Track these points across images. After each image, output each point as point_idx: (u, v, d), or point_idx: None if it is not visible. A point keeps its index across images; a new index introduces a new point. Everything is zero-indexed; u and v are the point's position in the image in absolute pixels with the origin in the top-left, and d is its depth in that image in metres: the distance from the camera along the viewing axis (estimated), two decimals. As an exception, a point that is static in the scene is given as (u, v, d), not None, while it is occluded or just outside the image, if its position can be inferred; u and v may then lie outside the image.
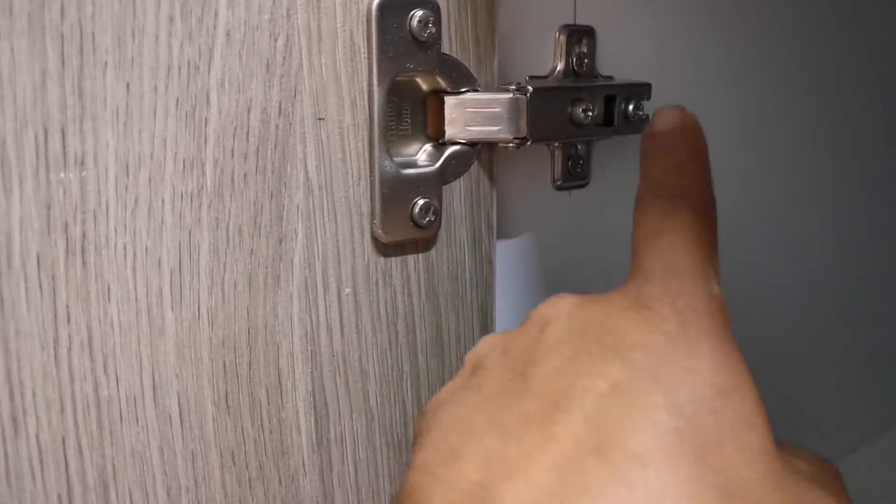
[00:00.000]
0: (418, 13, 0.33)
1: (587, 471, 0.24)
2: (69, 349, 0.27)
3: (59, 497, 0.28)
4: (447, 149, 0.36)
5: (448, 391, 0.30)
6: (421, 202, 0.34)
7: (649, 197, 0.32)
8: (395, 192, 0.34)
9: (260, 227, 0.31)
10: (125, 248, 0.28)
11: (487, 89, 0.36)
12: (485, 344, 0.31)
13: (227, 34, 0.29)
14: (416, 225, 0.35)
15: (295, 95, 0.31)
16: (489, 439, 0.26)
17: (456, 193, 0.37)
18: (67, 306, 0.27)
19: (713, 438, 0.25)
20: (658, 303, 0.27)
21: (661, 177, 0.32)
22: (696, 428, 0.25)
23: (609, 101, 0.40)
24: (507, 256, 0.40)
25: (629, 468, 0.24)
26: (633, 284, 0.29)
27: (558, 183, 0.42)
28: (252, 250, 0.31)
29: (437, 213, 0.35)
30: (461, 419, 0.28)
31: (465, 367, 0.31)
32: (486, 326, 0.39)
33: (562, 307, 0.29)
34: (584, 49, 0.41)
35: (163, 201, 0.28)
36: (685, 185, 0.32)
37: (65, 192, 0.26)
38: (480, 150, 0.37)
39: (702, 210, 0.31)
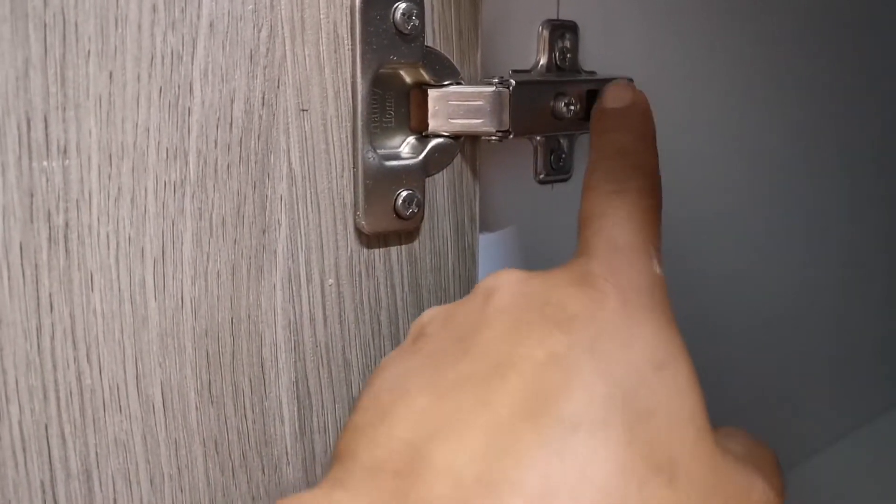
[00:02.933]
0: (402, 6, 0.33)
1: (518, 435, 0.24)
2: (52, 337, 0.27)
3: (42, 484, 0.28)
4: (430, 141, 0.36)
5: (389, 357, 0.30)
6: (404, 194, 0.35)
7: (596, 177, 0.33)
8: (379, 183, 0.34)
9: (243, 217, 0.31)
10: (108, 238, 0.28)
11: (471, 82, 0.37)
12: (429, 313, 0.31)
13: (211, 24, 0.29)
14: (399, 217, 0.35)
15: (278, 86, 0.31)
16: (422, 399, 0.26)
17: (439, 186, 0.37)
18: (50, 295, 0.27)
19: (645, 410, 0.25)
20: (600, 280, 0.28)
21: (608, 157, 0.33)
22: (629, 399, 0.25)
23: (591, 95, 0.41)
24: (490, 249, 0.40)
25: (559, 433, 0.24)
26: (577, 263, 0.30)
27: (541, 177, 0.43)
28: (235, 240, 0.31)
29: (420, 206, 0.35)
30: (396, 380, 0.28)
31: (409, 335, 0.31)
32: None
33: (507, 279, 0.30)
34: (567, 44, 0.42)
35: (146, 191, 0.29)
36: (631, 166, 0.32)
37: (47, 181, 0.26)
38: (464, 144, 0.37)
39: (647, 191, 0.32)
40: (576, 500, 0.23)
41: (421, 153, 0.36)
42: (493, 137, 0.36)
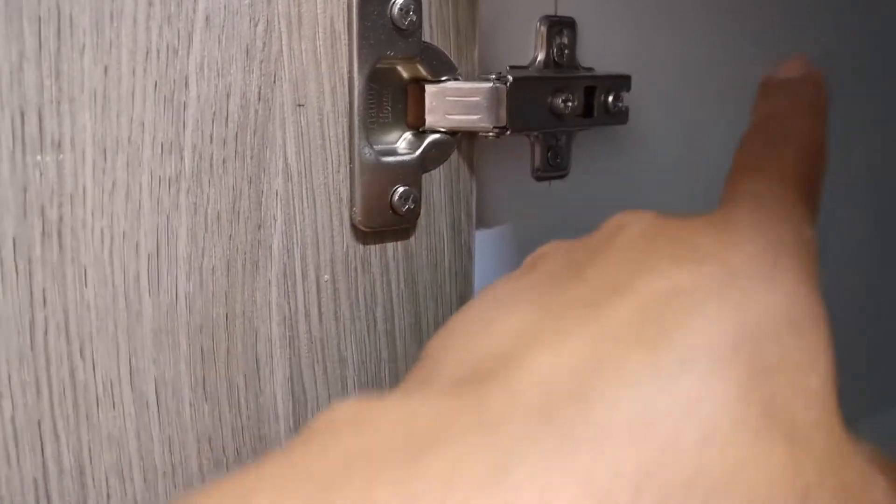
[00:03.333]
0: (399, 1, 0.33)
1: (627, 355, 0.22)
2: (45, 332, 0.27)
3: (35, 481, 0.28)
4: (427, 137, 0.36)
5: (498, 280, 0.28)
6: (400, 190, 0.35)
7: (754, 135, 0.31)
8: (375, 179, 0.34)
9: (238, 212, 0.31)
10: (102, 232, 0.28)
11: (468, 78, 0.37)
12: (549, 245, 0.29)
13: (207, 18, 0.29)
14: (396, 213, 0.35)
15: (275, 81, 0.31)
16: (527, 312, 0.25)
17: (436, 182, 0.37)
18: (44, 289, 0.27)
19: (772, 364, 0.23)
20: (740, 231, 0.26)
21: (771, 117, 0.31)
22: (757, 349, 0.23)
23: (589, 92, 0.41)
24: (487, 246, 0.40)
25: (672, 364, 0.22)
26: (718, 210, 0.27)
27: (538, 173, 0.42)
28: (231, 236, 0.31)
29: (417, 202, 0.35)
30: (504, 295, 0.26)
31: (523, 265, 0.29)
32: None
33: (639, 215, 0.28)
34: (565, 40, 0.42)
35: (140, 186, 0.28)
36: (795, 127, 0.30)
37: (42, 175, 0.26)
38: (461, 140, 0.37)
39: (808, 154, 0.29)
40: (676, 433, 0.21)
41: (418, 149, 0.35)
42: (490, 133, 0.36)
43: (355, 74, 0.33)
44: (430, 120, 0.36)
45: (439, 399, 0.22)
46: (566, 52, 0.42)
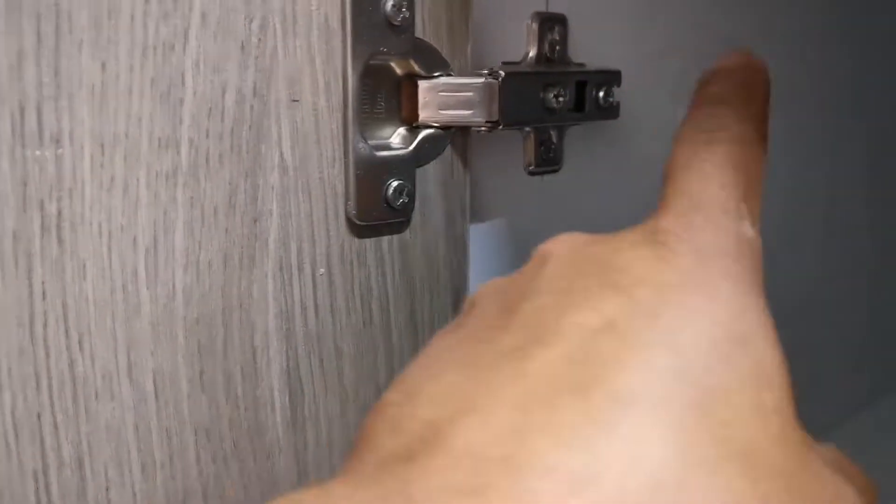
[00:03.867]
0: (392, -3, 0.33)
1: (557, 410, 0.21)
2: (45, 326, 0.28)
3: (35, 473, 0.28)
4: (421, 132, 0.36)
5: (436, 334, 0.27)
6: (395, 184, 0.35)
7: (685, 127, 0.28)
8: (370, 173, 0.34)
9: (235, 206, 0.31)
10: (100, 227, 0.28)
11: (461, 74, 0.37)
12: (483, 286, 0.28)
13: (203, 15, 0.29)
14: (390, 207, 0.35)
15: (270, 77, 0.31)
16: (452, 376, 0.23)
17: (430, 177, 0.37)
18: (43, 283, 0.27)
19: (720, 388, 0.21)
20: (675, 238, 0.24)
21: (703, 105, 0.29)
22: (701, 373, 0.21)
23: (580, 87, 0.41)
24: (480, 239, 0.41)
25: (609, 409, 0.20)
26: (650, 220, 0.26)
27: (531, 168, 0.43)
28: (227, 230, 0.31)
29: (411, 196, 0.36)
30: (432, 357, 0.25)
31: (462, 311, 0.28)
32: (460, 308, 0.40)
33: (568, 242, 0.26)
34: (556, 36, 0.42)
35: (138, 180, 0.29)
36: (729, 114, 0.28)
37: (41, 170, 0.27)
38: (454, 135, 0.37)
39: (746, 141, 0.27)
40: (621, 488, 0.19)
41: (411, 144, 0.36)
42: (483, 128, 0.36)
43: (349, 70, 0.33)
44: (423, 115, 0.36)
45: (364, 490, 0.21)
46: (557, 47, 0.42)
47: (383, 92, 0.36)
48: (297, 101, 0.32)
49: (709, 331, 0.22)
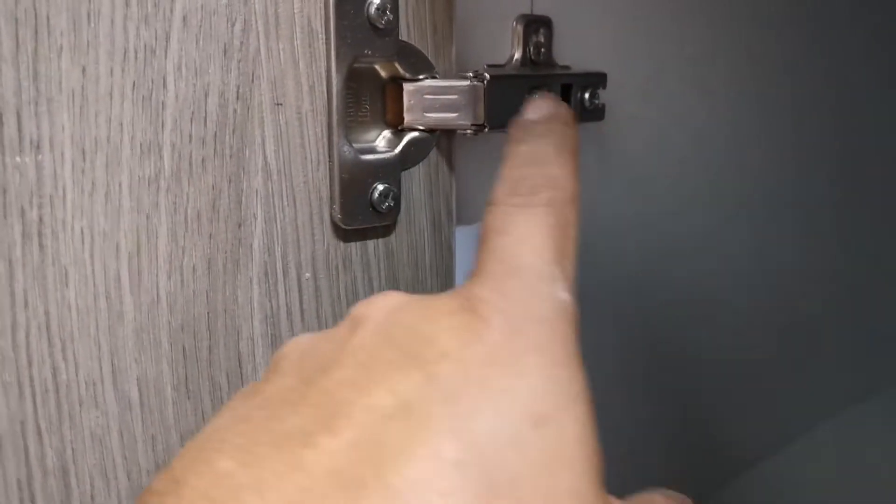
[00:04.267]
0: (376, 0, 0.33)
1: None
2: (27, 333, 0.27)
3: (19, 482, 0.28)
4: (406, 135, 0.36)
5: (234, 396, 0.26)
6: (380, 188, 0.35)
7: (500, 190, 0.28)
8: (355, 177, 0.34)
9: (219, 211, 0.31)
10: (82, 233, 0.28)
11: (446, 77, 0.37)
12: (290, 343, 0.27)
13: (184, 18, 0.29)
14: (376, 210, 0.35)
15: (253, 80, 0.31)
16: (226, 462, 0.22)
17: (415, 180, 0.37)
18: (25, 290, 0.27)
19: (508, 479, 0.21)
20: (487, 307, 0.24)
21: (519, 167, 0.29)
22: (489, 464, 0.21)
23: (566, 89, 0.41)
24: (466, 243, 0.41)
25: None
26: (464, 286, 0.25)
27: (517, 170, 0.43)
28: (211, 235, 0.31)
29: (397, 199, 0.35)
30: (215, 432, 0.23)
31: (267, 368, 0.27)
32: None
33: (381, 306, 0.25)
34: (541, 38, 0.42)
35: (120, 185, 0.28)
36: (542, 177, 0.28)
37: (21, 176, 0.26)
38: (439, 138, 0.37)
39: (558, 206, 0.27)
40: None
41: (397, 147, 0.36)
42: (469, 131, 0.36)
43: (333, 73, 0.33)
44: (408, 118, 0.36)
45: None
46: (542, 50, 0.42)
47: (367, 95, 0.35)
48: (280, 104, 0.32)
49: (507, 414, 0.21)
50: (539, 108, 0.32)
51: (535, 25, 0.42)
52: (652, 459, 0.59)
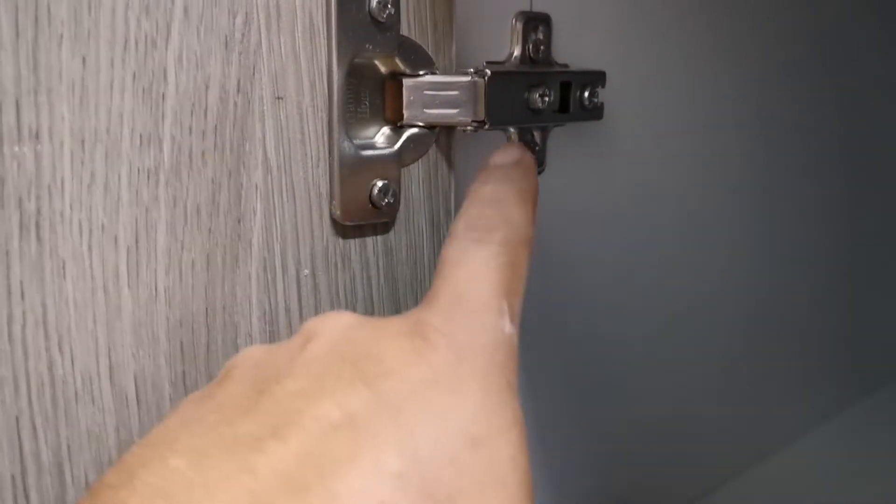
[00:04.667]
0: (377, -5, 0.33)
1: None
2: (23, 327, 0.27)
3: (13, 478, 0.27)
4: (405, 131, 0.36)
5: (187, 398, 0.27)
6: (380, 184, 0.35)
7: (460, 223, 0.30)
8: (354, 173, 0.34)
9: (218, 205, 0.31)
10: (81, 225, 0.27)
11: (446, 73, 0.37)
12: (245, 353, 0.28)
13: (185, 9, 0.29)
14: (375, 207, 0.35)
15: (254, 74, 0.31)
16: (178, 461, 0.22)
17: (414, 178, 0.37)
18: (21, 283, 0.27)
19: (445, 493, 0.22)
20: (435, 333, 0.25)
21: (479, 206, 0.31)
22: (428, 478, 0.22)
23: (565, 87, 0.41)
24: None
25: None
26: (415, 311, 0.27)
27: (515, 169, 0.42)
28: (210, 229, 0.31)
29: (396, 196, 0.35)
30: (167, 431, 0.24)
31: (219, 376, 0.28)
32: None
33: (333, 323, 0.27)
34: (541, 36, 0.42)
35: (119, 178, 0.28)
36: (500, 216, 0.30)
37: (19, 167, 0.26)
38: (439, 134, 0.37)
39: (512, 245, 0.29)
40: None
41: (396, 143, 0.35)
42: (469, 128, 0.36)
43: (334, 68, 0.33)
44: (408, 114, 0.36)
45: None
46: (542, 47, 0.42)
47: (367, 90, 0.35)
48: (281, 98, 0.32)
49: (447, 432, 0.23)
50: (506, 154, 0.34)
51: (535, 23, 0.41)
52: (640, 459, 0.59)
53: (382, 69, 0.35)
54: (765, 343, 0.69)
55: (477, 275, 0.27)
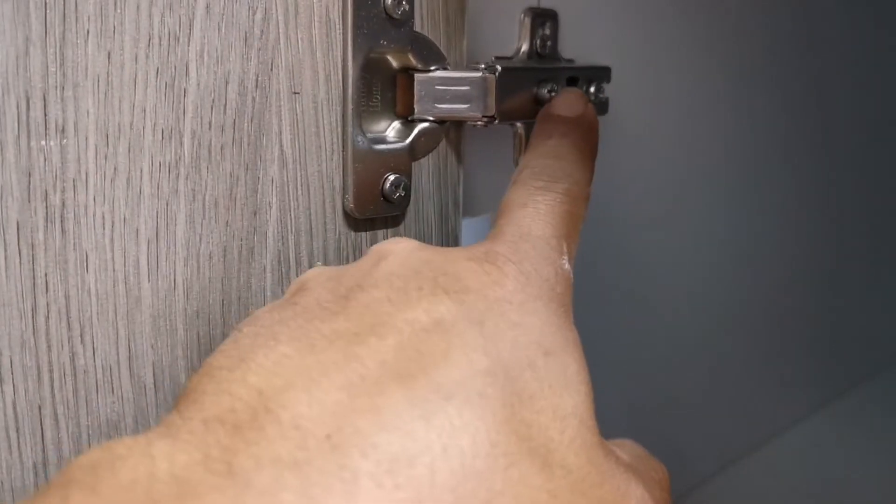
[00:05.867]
0: (392, -9, 0.33)
1: (384, 393, 0.22)
2: (47, 318, 0.27)
3: (35, 466, 0.28)
4: (416, 126, 0.36)
5: (263, 308, 0.28)
6: (392, 178, 0.35)
7: (525, 173, 0.32)
8: (367, 167, 0.34)
9: (235, 199, 0.31)
10: (103, 218, 0.28)
11: (456, 68, 0.37)
12: (313, 271, 0.29)
13: (207, 6, 0.29)
14: (387, 200, 0.35)
15: (271, 69, 0.31)
16: (286, 348, 0.24)
17: (424, 171, 0.37)
18: (46, 274, 0.27)
19: (527, 392, 0.24)
20: (503, 260, 0.27)
21: (544, 157, 0.33)
22: (513, 379, 0.24)
23: (571, 83, 0.41)
24: (473, 233, 0.41)
25: (431, 398, 0.22)
26: (483, 243, 0.29)
27: (521, 162, 0.43)
28: (227, 222, 0.31)
29: (407, 189, 0.36)
30: (263, 329, 0.26)
31: (287, 293, 0.29)
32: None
33: (404, 245, 0.29)
34: (548, 31, 0.42)
35: (141, 171, 0.28)
36: (563, 170, 0.32)
37: (45, 160, 0.26)
38: (448, 129, 0.38)
39: (573, 197, 0.31)
40: (433, 470, 0.21)
41: (407, 138, 0.36)
42: (479, 122, 0.37)
43: (349, 63, 0.33)
44: (419, 109, 0.36)
45: (185, 449, 0.21)
46: (549, 43, 0.42)
47: (379, 85, 0.36)
48: (297, 93, 0.32)
49: (523, 342, 0.25)
50: (569, 106, 0.35)
51: (542, 18, 0.42)
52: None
53: (395, 64, 0.36)
54: (751, 337, 0.70)
55: (541, 216, 0.30)
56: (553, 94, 0.39)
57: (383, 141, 0.35)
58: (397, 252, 0.28)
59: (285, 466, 0.21)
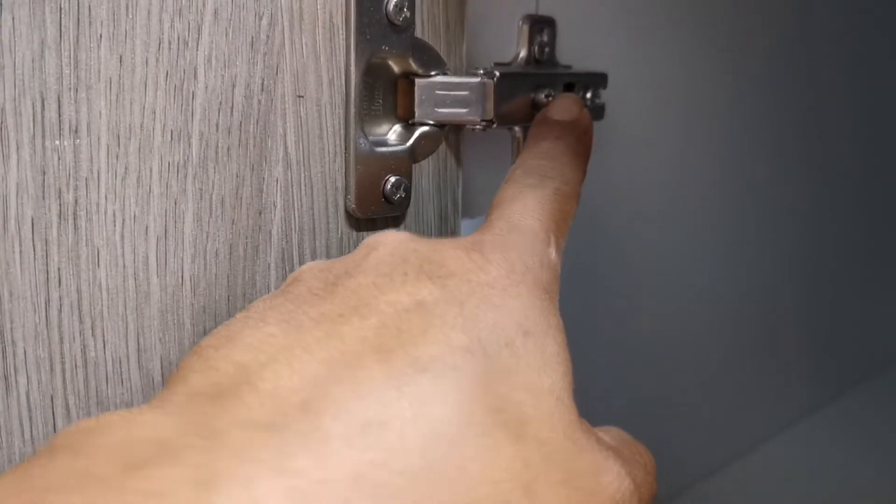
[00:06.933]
0: (394, -2, 0.34)
1: (362, 366, 0.24)
2: (59, 311, 0.28)
3: (47, 454, 0.29)
4: (417, 129, 0.37)
5: (255, 302, 0.29)
6: (392, 179, 0.36)
7: (519, 171, 0.33)
8: (369, 169, 0.35)
9: (241, 198, 0.32)
10: (114, 215, 0.29)
11: (456, 73, 0.38)
12: (307, 265, 0.31)
13: (215, 12, 0.30)
14: (388, 201, 0.36)
15: (277, 73, 0.32)
16: (272, 328, 0.26)
17: (424, 173, 0.38)
18: (59, 269, 0.28)
19: (503, 368, 0.25)
20: (489, 249, 0.28)
21: (538, 158, 0.34)
22: (489, 355, 0.25)
23: (568, 88, 0.43)
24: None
25: (406, 370, 0.24)
26: (472, 235, 0.30)
27: (519, 166, 0.44)
28: (233, 221, 0.32)
29: (408, 191, 0.37)
30: (254, 313, 0.27)
31: (282, 286, 0.30)
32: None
33: (393, 237, 0.30)
34: (545, 38, 0.43)
35: (151, 171, 0.30)
36: (555, 170, 0.33)
37: (59, 159, 0.27)
38: (448, 132, 0.39)
39: (563, 196, 0.32)
40: (402, 434, 0.22)
41: (408, 140, 0.37)
42: (478, 126, 0.38)
43: (352, 67, 0.34)
44: (419, 113, 0.37)
45: (167, 416, 0.23)
46: (546, 49, 0.43)
47: (381, 89, 0.37)
48: (301, 96, 0.33)
49: (503, 322, 0.26)
50: (564, 110, 0.36)
51: (540, 25, 0.43)
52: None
53: (396, 69, 0.37)
54: (748, 338, 0.71)
55: (529, 210, 0.31)
56: (550, 98, 0.40)
57: (385, 143, 0.36)
58: (387, 243, 0.29)
59: (261, 427, 0.22)
